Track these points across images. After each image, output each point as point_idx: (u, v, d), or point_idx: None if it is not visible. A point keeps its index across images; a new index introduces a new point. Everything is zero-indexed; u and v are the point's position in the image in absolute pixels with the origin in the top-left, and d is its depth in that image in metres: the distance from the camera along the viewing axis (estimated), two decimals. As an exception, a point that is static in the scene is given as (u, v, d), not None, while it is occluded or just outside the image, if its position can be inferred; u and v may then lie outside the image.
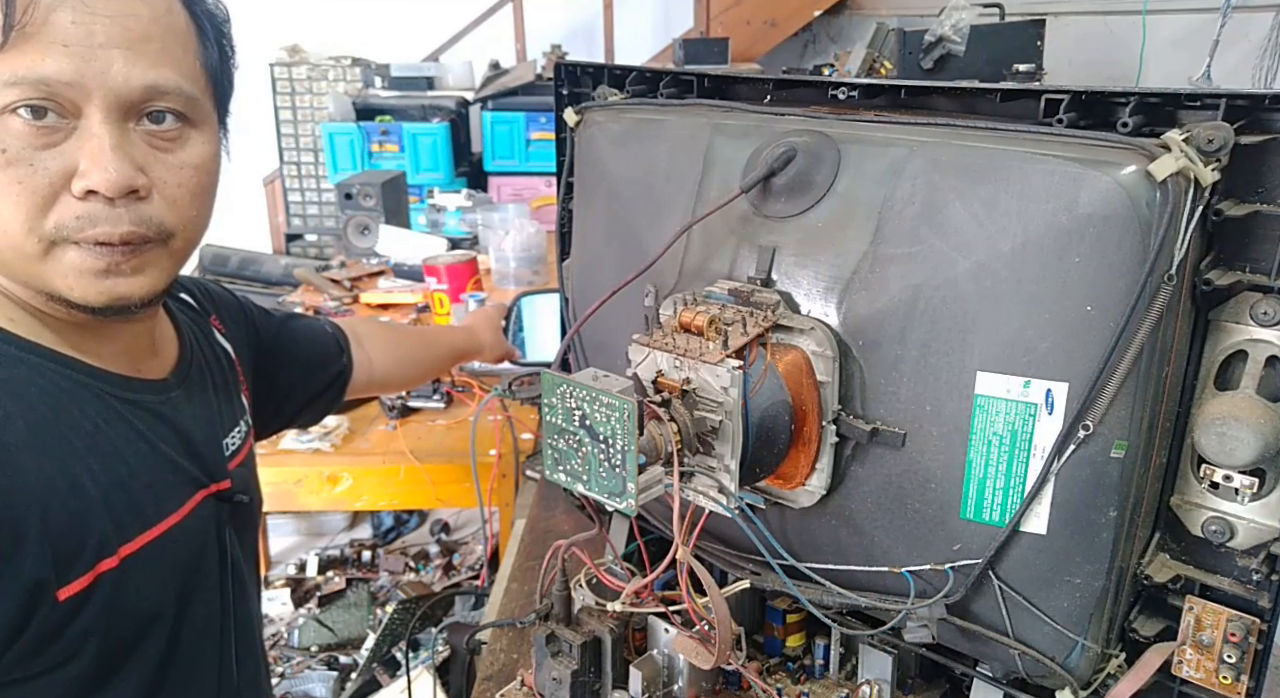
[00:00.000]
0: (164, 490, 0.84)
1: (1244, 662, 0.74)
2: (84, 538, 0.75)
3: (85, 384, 0.80)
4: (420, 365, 1.54)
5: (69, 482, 0.75)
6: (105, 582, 0.76)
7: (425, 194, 3.71)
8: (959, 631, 0.79)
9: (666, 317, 0.84)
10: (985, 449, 0.74)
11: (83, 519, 0.75)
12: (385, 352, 1.37)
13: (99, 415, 0.79)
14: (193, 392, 0.91)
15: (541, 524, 1.46)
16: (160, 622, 0.83)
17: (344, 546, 2.96)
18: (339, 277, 2.91)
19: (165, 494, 0.84)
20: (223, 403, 0.97)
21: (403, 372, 1.47)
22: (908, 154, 0.77)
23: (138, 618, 0.81)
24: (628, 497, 0.71)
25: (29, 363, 0.77)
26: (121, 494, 0.79)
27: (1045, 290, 0.70)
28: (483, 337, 1.63)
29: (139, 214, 0.76)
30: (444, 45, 5.13)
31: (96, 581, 0.76)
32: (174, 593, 0.84)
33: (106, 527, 0.77)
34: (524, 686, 0.94)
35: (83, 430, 0.78)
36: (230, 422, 0.97)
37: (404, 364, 1.44)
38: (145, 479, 0.81)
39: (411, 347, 1.47)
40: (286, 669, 2.36)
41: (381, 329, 1.45)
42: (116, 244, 0.75)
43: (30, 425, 0.74)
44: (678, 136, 0.93)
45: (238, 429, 0.98)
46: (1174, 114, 0.73)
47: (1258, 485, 0.72)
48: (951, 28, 3.19)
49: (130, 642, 0.81)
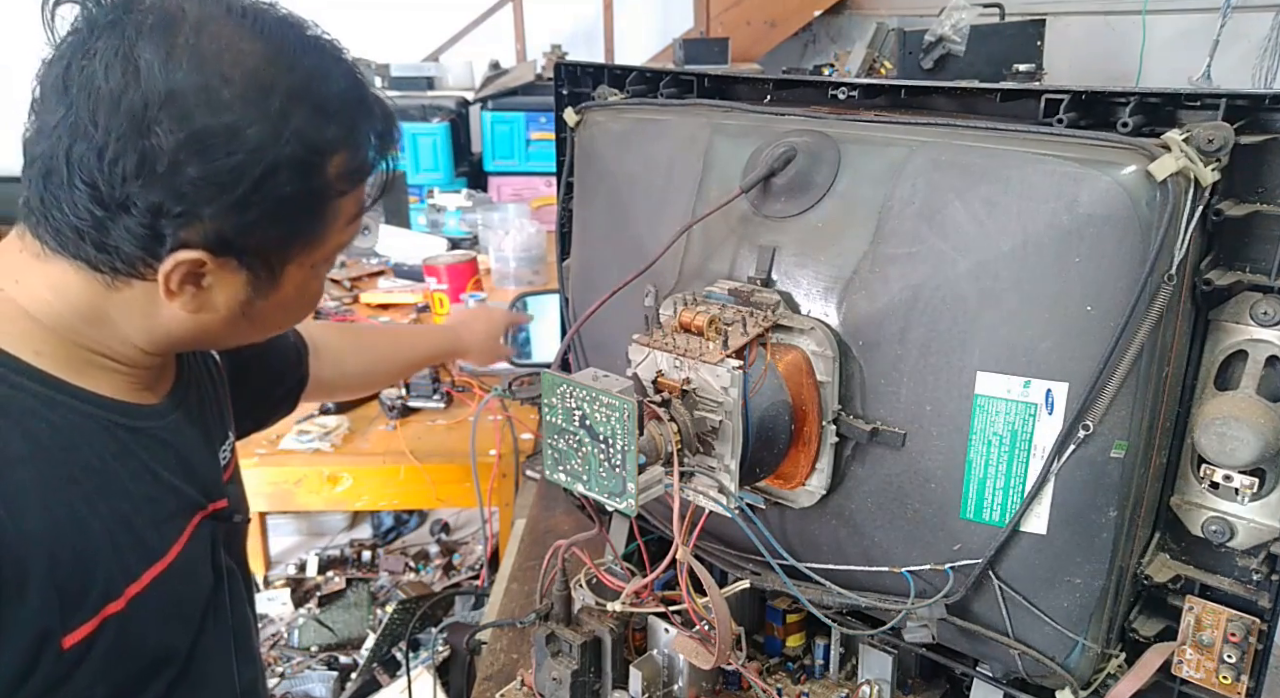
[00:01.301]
0: (167, 522, 0.82)
1: (1244, 662, 0.74)
2: (90, 583, 0.73)
3: (92, 416, 0.77)
4: (381, 374, 1.52)
5: (77, 526, 0.73)
6: (111, 625, 0.74)
7: (425, 194, 3.70)
8: (959, 631, 0.79)
9: (666, 317, 0.84)
10: (985, 449, 0.74)
11: (89, 564, 0.73)
12: (343, 364, 1.35)
13: (106, 450, 0.77)
14: (190, 410, 0.89)
15: (541, 524, 1.46)
16: (172, 656, 0.82)
17: (344, 545, 2.95)
18: (339, 277, 2.91)
19: (168, 525, 0.82)
20: (214, 416, 0.95)
21: (356, 382, 1.46)
22: (908, 154, 0.77)
23: (147, 656, 0.79)
24: (628, 497, 0.71)
25: (36, 394, 0.74)
26: (127, 533, 0.77)
27: (1045, 290, 0.70)
28: (468, 337, 1.59)
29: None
30: (444, 45, 5.13)
31: (102, 624, 0.74)
32: (182, 623, 0.83)
33: (113, 569, 0.75)
34: (524, 686, 0.94)
35: (91, 469, 0.76)
36: (221, 434, 0.96)
37: (357, 374, 1.42)
38: (149, 514, 0.80)
39: (374, 357, 1.45)
40: (286, 669, 2.36)
41: (346, 339, 1.41)
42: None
43: (39, 467, 0.72)
44: (678, 136, 0.93)
45: (228, 441, 0.97)
46: (1174, 114, 0.73)
47: (1258, 485, 0.72)
48: (951, 28, 3.19)
49: (141, 678, 0.79)
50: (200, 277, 0.74)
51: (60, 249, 0.73)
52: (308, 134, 0.71)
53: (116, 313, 0.76)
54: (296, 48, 0.73)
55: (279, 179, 0.70)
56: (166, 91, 0.67)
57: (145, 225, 0.69)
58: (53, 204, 0.71)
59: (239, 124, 0.68)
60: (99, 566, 0.74)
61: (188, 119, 0.67)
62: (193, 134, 0.67)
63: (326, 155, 0.73)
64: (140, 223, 0.69)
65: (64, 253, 0.73)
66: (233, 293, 0.76)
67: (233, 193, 0.69)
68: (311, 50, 0.74)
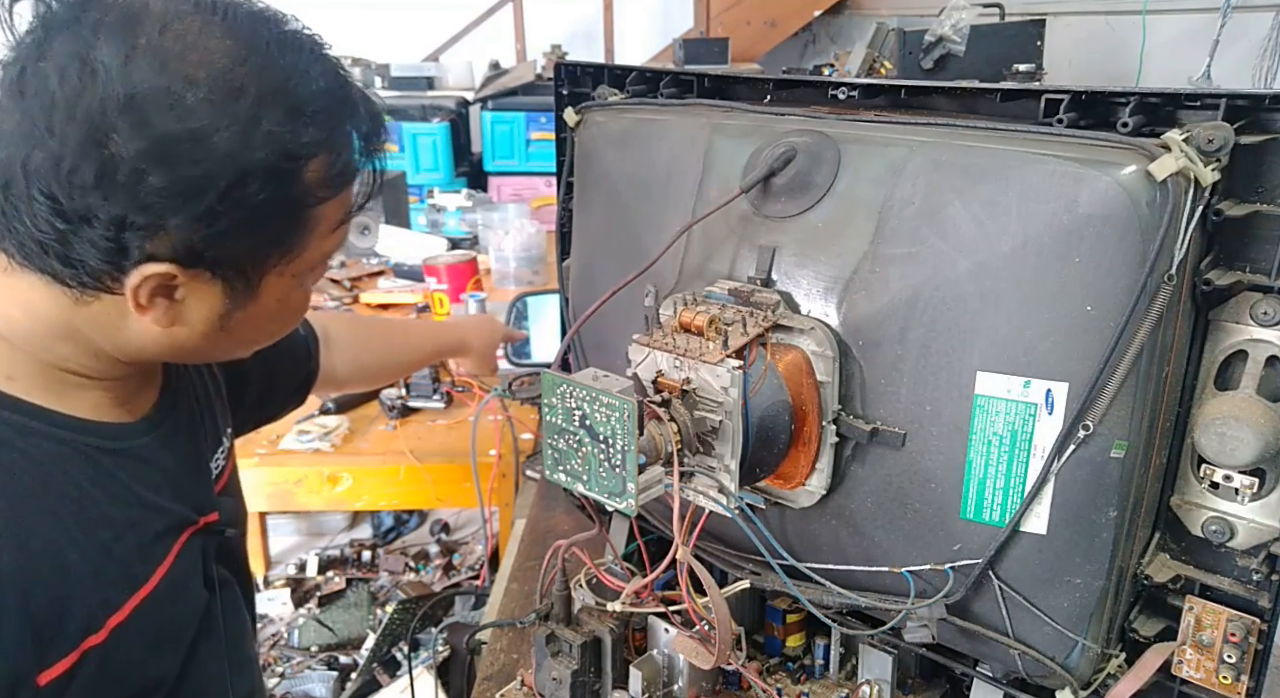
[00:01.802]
0: (151, 545, 0.78)
1: (1244, 662, 0.74)
2: (67, 618, 0.70)
3: (69, 442, 0.74)
4: (392, 367, 1.51)
5: (54, 561, 0.70)
6: (92, 657, 0.71)
7: (425, 194, 3.71)
8: (959, 631, 0.79)
9: (666, 317, 0.84)
10: (985, 449, 0.74)
11: (66, 599, 0.70)
12: (355, 355, 1.33)
13: (84, 476, 0.74)
14: (179, 422, 0.86)
15: (541, 524, 1.46)
16: (161, 681, 0.79)
17: (344, 546, 2.95)
18: (339, 277, 2.91)
19: (152, 549, 0.78)
20: (206, 420, 0.91)
21: (369, 375, 1.44)
22: (908, 154, 0.77)
23: (133, 684, 0.77)
24: (628, 497, 0.71)
25: (9, 422, 0.71)
26: (108, 562, 0.73)
27: (1045, 290, 0.70)
28: (471, 339, 1.59)
29: None
30: (444, 45, 5.14)
31: (82, 658, 0.71)
32: (170, 650, 0.80)
33: (92, 601, 0.72)
34: (524, 686, 0.94)
35: (68, 498, 0.72)
36: (214, 439, 0.92)
37: (372, 368, 1.41)
38: (132, 539, 0.76)
39: (385, 348, 1.43)
40: (286, 669, 2.36)
41: (357, 330, 1.39)
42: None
43: (14, 502, 0.69)
44: (678, 136, 0.93)
45: (222, 448, 0.93)
46: (1174, 114, 0.73)
47: (1258, 486, 0.72)
48: (951, 28, 3.19)
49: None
50: (172, 289, 0.69)
51: (26, 262, 0.68)
52: (282, 138, 0.66)
53: (88, 329, 0.72)
54: (271, 45, 0.68)
55: (250, 188, 0.66)
56: (126, 95, 0.62)
57: (109, 238, 0.65)
58: (14, 216, 0.66)
59: (205, 130, 0.63)
60: (77, 599, 0.71)
61: (148, 125, 0.62)
62: (155, 141, 0.63)
63: (303, 160, 0.68)
64: (103, 236, 0.65)
65: (30, 266, 0.68)
66: (208, 306, 0.72)
67: (200, 203, 0.64)
68: (288, 48, 0.69)
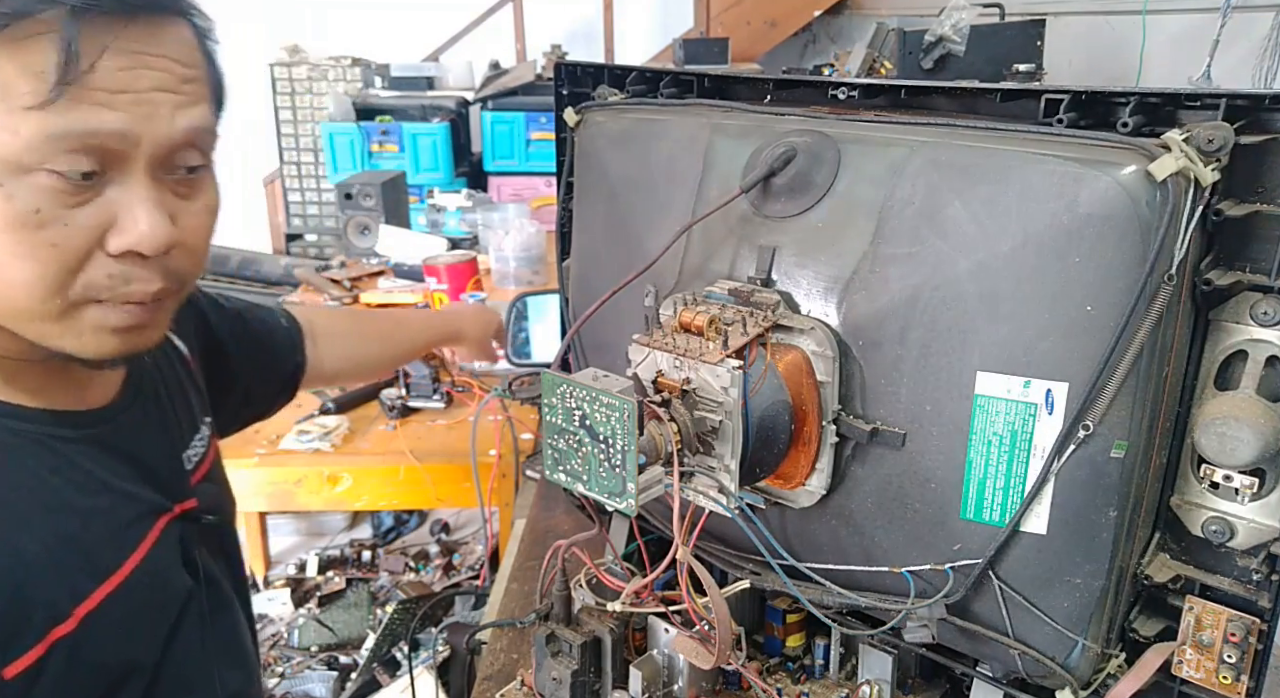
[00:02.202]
0: (122, 532, 0.77)
1: (1244, 662, 0.74)
2: (30, 611, 0.69)
3: (23, 432, 0.72)
4: (387, 358, 1.48)
5: (11, 555, 0.69)
6: (61, 648, 0.70)
7: (425, 194, 3.71)
8: (959, 631, 0.79)
9: (666, 317, 0.84)
10: (985, 449, 0.74)
11: (28, 592, 0.69)
12: (345, 346, 1.31)
13: (42, 466, 0.72)
14: (146, 407, 0.84)
15: (541, 524, 1.46)
16: (138, 668, 0.78)
17: (344, 546, 2.96)
18: (339, 277, 2.91)
19: (124, 535, 0.77)
20: (179, 411, 0.90)
21: (363, 367, 1.43)
22: (908, 154, 0.77)
23: (110, 671, 0.75)
24: (628, 497, 0.71)
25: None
26: (73, 552, 0.72)
27: (1045, 290, 0.70)
28: (466, 326, 1.56)
29: (168, 268, 0.71)
30: (444, 45, 5.14)
31: (50, 649, 0.70)
32: (149, 634, 0.79)
33: (57, 591, 0.71)
34: (524, 686, 0.94)
35: (25, 489, 0.71)
36: (190, 430, 0.90)
37: (366, 359, 1.39)
38: (99, 528, 0.75)
39: (378, 338, 1.42)
40: (286, 669, 2.36)
41: (347, 322, 1.37)
42: (148, 302, 0.71)
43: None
44: (678, 136, 0.93)
45: (198, 437, 0.91)
46: (1174, 114, 0.73)
47: (1258, 486, 0.72)
48: (951, 28, 3.19)
49: (106, 693, 0.75)
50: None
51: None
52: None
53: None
54: None
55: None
56: None
57: None
58: None
59: None
60: (39, 592, 0.70)
61: None
62: None
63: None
64: None
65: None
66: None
67: None
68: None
